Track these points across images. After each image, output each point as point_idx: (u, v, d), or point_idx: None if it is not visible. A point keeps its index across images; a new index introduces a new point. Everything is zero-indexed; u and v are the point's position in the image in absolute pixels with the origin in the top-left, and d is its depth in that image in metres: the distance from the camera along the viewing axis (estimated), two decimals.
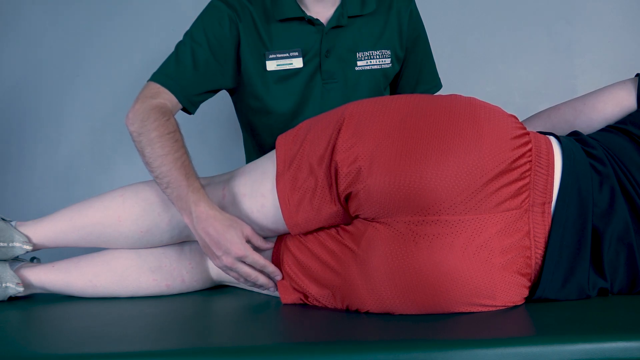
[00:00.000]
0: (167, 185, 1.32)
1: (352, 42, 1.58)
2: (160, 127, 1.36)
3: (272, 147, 1.35)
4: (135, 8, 2.23)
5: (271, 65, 1.55)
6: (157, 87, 1.46)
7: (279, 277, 1.31)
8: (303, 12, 1.54)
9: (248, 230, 1.29)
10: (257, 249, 1.31)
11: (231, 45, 1.53)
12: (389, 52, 1.62)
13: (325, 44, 1.56)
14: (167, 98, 1.45)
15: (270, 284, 1.32)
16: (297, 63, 1.56)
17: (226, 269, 1.31)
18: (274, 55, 1.55)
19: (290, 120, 1.57)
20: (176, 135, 1.37)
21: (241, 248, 1.27)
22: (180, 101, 1.48)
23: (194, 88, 1.50)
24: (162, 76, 1.48)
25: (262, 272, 1.31)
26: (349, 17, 1.56)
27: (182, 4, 2.16)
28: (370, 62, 1.60)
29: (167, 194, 1.33)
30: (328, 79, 1.58)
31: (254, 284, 1.33)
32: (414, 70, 1.71)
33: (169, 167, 1.32)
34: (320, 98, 1.58)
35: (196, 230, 1.29)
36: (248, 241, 1.29)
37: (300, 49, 1.55)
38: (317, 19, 1.54)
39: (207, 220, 1.28)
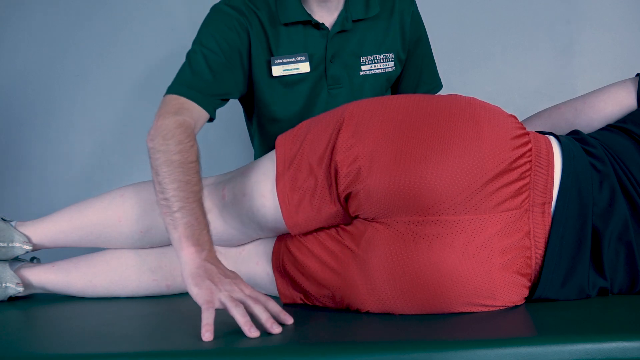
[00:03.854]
0: (179, 210, 1.20)
1: (357, 46, 1.58)
2: (184, 152, 1.26)
3: None
4: (136, 7, 2.22)
5: (277, 71, 1.53)
6: (178, 100, 1.38)
7: (289, 320, 1.14)
8: (309, 15, 1.52)
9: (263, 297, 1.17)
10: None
11: (243, 50, 1.50)
12: (392, 55, 1.61)
13: (331, 49, 1.55)
14: (190, 113, 1.36)
15: (271, 321, 1.11)
16: (304, 68, 1.54)
17: (225, 294, 1.13)
18: (280, 60, 1.53)
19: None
20: (197, 166, 1.27)
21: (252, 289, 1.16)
22: (206, 109, 1.40)
23: (215, 93, 1.44)
24: (182, 87, 1.40)
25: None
26: (354, 21, 1.55)
27: (182, 4, 2.16)
28: (375, 66, 1.60)
29: (172, 217, 1.20)
30: (333, 84, 1.57)
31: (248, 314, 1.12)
32: (415, 72, 1.71)
33: (187, 195, 1.21)
34: (326, 103, 1.57)
35: (203, 262, 1.16)
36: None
37: (307, 53, 1.54)
38: (322, 23, 1.53)
39: (218, 261, 1.19)
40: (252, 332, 1.08)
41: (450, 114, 1.20)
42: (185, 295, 1.42)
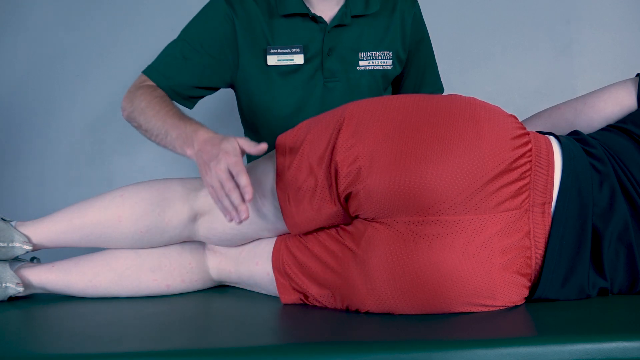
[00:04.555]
0: (166, 134, 1.34)
1: (355, 41, 1.58)
2: (147, 96, 1.42)
3: (273, 147, 1.35)
4: (136, 7, 2.23)
5: (272, 60, 1.56)
6: (144, 77, 1.53)
7: (247, 195, 1.19)
8: (307, 8, 1.54)
9: (241, 141, 1.24)
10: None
11: (226, 41, 1.54)
12: (391, 53, 1.62)
13: (328, 42, 1.56)
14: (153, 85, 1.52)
15: (243, 207, 1.19)
16: (298, 59, 1.56)
17: (214, 179, 1.21)
18: (275, 50, 1.55)
19: (290, 119, 1.57)
20: (165, 98, 1.42)
21: (235, 154, 1.21)
22: (165, 90, 1.51)
23: (182, 80, 1.53)
24: (150, 69, 1.54)
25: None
26: (353, 16, 1.56)
27: (182, 3, 2.16)
28: (372, 62, 1.60)
29: (169, 142, 1.34)
30: (330, 77, 1.58)
31: (225, 203, 1.21)
32: (416, 73, 1.71)
33: (164, 119, 1.36)
34: (321, 97, 1.58)
35: (197, 154, 1.27)
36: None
37: (302, 45, 1.55)
38: (320, 17, 1.55)
39: (206, 140, 1.26)
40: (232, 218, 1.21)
41: (450, 114, 1.20)
42: (185, 295, 1.43)
